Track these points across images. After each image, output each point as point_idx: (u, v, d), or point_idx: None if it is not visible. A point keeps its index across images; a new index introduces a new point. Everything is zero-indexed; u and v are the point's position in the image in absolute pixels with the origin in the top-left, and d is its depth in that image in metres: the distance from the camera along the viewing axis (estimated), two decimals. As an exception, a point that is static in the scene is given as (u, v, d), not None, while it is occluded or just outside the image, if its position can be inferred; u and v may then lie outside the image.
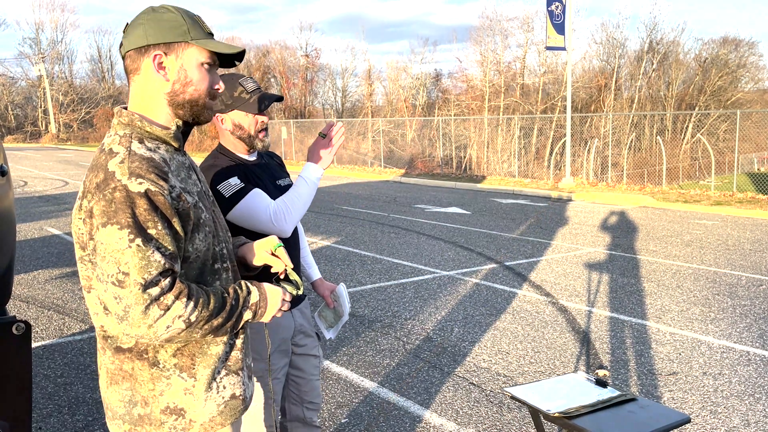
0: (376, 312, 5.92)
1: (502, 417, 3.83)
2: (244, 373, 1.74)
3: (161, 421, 1.59)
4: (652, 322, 5.62)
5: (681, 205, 13.37)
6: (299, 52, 40.57)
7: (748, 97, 33.13)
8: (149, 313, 1.44)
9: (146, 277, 1.44)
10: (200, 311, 1.51)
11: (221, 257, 1.68)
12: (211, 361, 1.64)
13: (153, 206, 1.46)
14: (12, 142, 48.05)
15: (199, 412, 1.62)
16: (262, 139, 2.43)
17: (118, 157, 1.50)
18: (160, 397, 1.59)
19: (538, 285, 6.92)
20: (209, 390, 1.63)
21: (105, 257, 1.44)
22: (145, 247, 1.44)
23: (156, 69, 1.59)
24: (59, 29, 52.30)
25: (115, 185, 1.45)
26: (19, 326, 2.25)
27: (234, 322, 1.60)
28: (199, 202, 1.63)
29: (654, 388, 4.26)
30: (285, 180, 2.57)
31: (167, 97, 1.61)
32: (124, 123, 1.60)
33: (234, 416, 1.70)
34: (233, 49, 1.64)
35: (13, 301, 6.22)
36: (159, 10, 1.61)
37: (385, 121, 27.56)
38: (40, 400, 4.02)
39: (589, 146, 20.47)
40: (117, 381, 1.60)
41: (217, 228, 1.68)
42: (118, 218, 1.43)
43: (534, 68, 30.31)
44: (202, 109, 1.66)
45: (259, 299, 1.66)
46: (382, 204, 13.89)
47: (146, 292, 1.43)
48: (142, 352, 1.57)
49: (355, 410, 3.93)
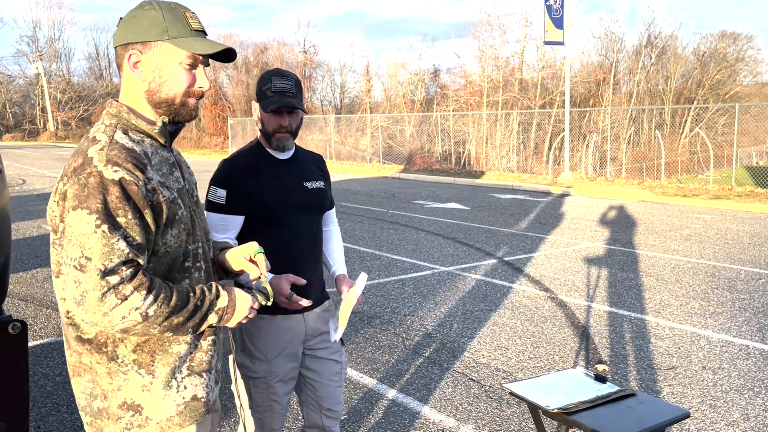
0: (375, 308, 5.91)
1: (502, 413, 3.83)
2: (210, 375, 1.72)
3: (118, 416, 1.59)
4: (651, 317, 5.62)
5: (680, 199, 13.36)
6: (297, 48, 40.50)
7: (747, 90, 33.09)
8: (105, 301, 1.43)
9: (107, 264, 1.43)
10: (159, 306, 1.49)
11: (194, 256, 1.67)
12: (171, 360, 1.62)
13: (126, 195, 1.47)
14: (10, 140, 48.00)
15: (157, 409, 1.61)
16: (279, 139, 2.37)
17: (99, 145, 1.52)
18: (118, 392, 1.58)
19: (537, 280, 6.91)
20: (168, 388, 1.62)
21: (71, 240, 1.45)
22: (111, 234, 1.44)
23: (131, 68, 1.60)
24: (57, 27, 52.24)
25: (90, 170, 1.46)
26: (15, 325, 2.24)
27: (197, 323, 1.58)
28: (178, 198, 1.63)
29: (653, 383, 4.26)
30: (315, 183, 2.49)
31: (146, 96, 1.62)
32: (112, 113, 1.61)
33: (194, 418, 1.67)
34: (211, 48, 1.61)
35: (11, 299, 6.21)
36: (144, 6, 1.61)
37: (383, 117, 27.52)
38: (39, 399, 4.01)
39: (588, 141, 20.45)
40: (79, 373, 1.61)
41: (194, 227, 1.68)
42: (88, 203, 1.44)
43: (532, 63, 30.26)
44: (180, 108, 1.64)
45: (227, 305, 1.63)
46: (381, 200, 13.87)
47: (105, 279, 1.43)
48: (102, 345, 1.57)
49: (354, 407, 3.92)
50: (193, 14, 1.64)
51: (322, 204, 2.51)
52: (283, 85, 2.34)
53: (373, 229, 10.17)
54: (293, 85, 2.36)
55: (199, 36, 1.63)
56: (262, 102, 2.35)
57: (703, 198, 13.18)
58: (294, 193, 2.41)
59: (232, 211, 2.34)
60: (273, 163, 2.42)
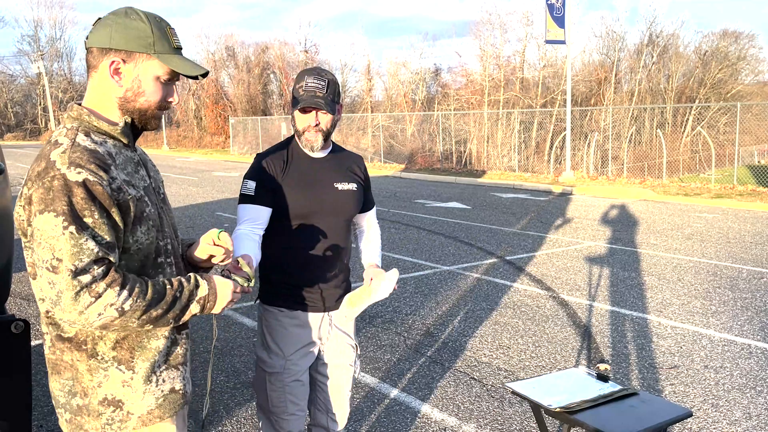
0: (377, 307, 5.91)
1: (503, 412, 3.83)
2: (185, 368, 1.77)
3: (99, 412, 1.63)
4: (653, 316, 5.61)
5: (681, 198, 13.35)
6: (298, 47, 40.49)
7: (748, 89, 33.01)
8: (80, 300, 1.46)
9: (77, 264, 1.46)
10: (135, 301, 1.51)
11: (165, 252, 1.71)
12: (150, 355, 1.66)
13: (90, 195, 1.49)
14: (11, 140, 48.03)
15: (137, 404, 1.65)
16: (308, 138, 2.38)
17: (61, 148, 1.54)
18: (98, 389, 1.62)
19: (539, 279, 6.91)
20: (148, 383, 1.66)
21: (41, 243, 1.48)
22: (79, 235, 1.47)
23: (111, 74, 1.63)
24: (58, 26, 52.27)
25: (54, 174, 1.49)
26: (18, 324, 2.25)
27: (178, 314, 1.61)
28: (144, 196, 1.66)
29: (655, 382, 4.26)
30: (347, 184, 2.48)
31: (118, 101, 1.66)
32: (73, 117, 1.64)
33: (173, 410, 1.72)
34: (194, 71, 1.67)
35: (13, 298, 6.22)
36: (131, 15, 1.64)
37: (384, 116, 27.51)
38: (41, 398, 4.01)
39: (589, 140, 20.43)
40: (59, 371, 1.63)
41: (162, 223, 1.72)
42: (54, 206, 1.47)
43: (533, 62, 30.21)
44: (150, 119, 1.71)
45: (207, 293, 1.66)
46: (383, 199, 13.87)
47: (76, 279, 1.46)
48: (81, 343, 1.60)
49: (356, 406, 3.92)
50: (173, 30, 1.70)
51: (351, 205, 2.50)
52: (315, 84, 2.34)
53: (374, 228, 10.16)
54: (326, 85, 2.35)
55: (178, 53, 1.69)
56: (294, 99, 2.37)
57: (705, 197, 13.16)
58: (322, 192, 2.41)
59: (260, 203, 2.36)
60: (305, 161, 2.44)
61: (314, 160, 2.45)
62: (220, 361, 4.63)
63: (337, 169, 2.49)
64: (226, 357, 4.70)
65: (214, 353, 4.80)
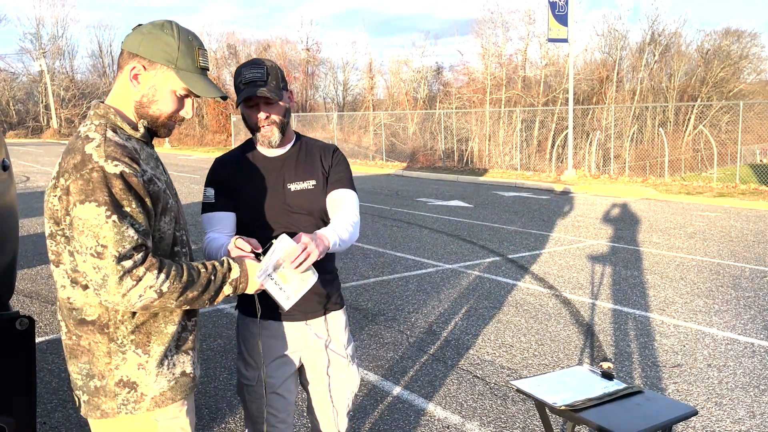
0: (380, 305, 5.91)
1: (507, 410, 3.83)
2: (194, 353, 1.87)
3: (115, 393, 1.72)
4: (655, 314, 5.61)
5: (683, 196, 13.34)
6: (300, 46, 40.47)
7: (751, 88, 32.95)
8: (123, 283, 1.58)
9: (120, 251, 1.57)
10: (172, 283, 1.63)
11: (181, 242, 1.83)
12: (166, 340, 1.76)
13: (128, 186, 1.60)
14: (14, 137, 48.02)
15: (151, 386, 1.74)
16: (264, 134, 2.23)
17: (95, 142, 1.64)
18: (116, 371, 1.71)
19: (542, 278, 6.91)
20: (161, 366, 1.76)
21: (83, 231, 1.58)
22: (120, 223, 1.58)
23: (130, 77, 1.74)
24: (60, 24, 52.19)
25: (92, 166, 1.59)
26: (23, 321, 2.25)
27: (213, 295, 1.74)
28: (166, 188, 1.78)
29: (658, 381, 4.25)
30: (302, 183, 2.30)
31: (134, 104, 1.77)
32: (99, 114, 1.73)
33: (184, 392, 1.81)
34: (208, 92, 1.77)
35: (16, 296, 6.22)
36: (165, 29, 1.74)
37: (386, 115, 27.49)
38: (45, 395, 4.02)
39: (591, 138, 20.41)
40: (76, 356, 1.73)
41: (179, 215, 1.83)
42: (96, 196, 1.57)
43: (535, 61, 30.16)
44: (161, 127, 1.81)
45: (239, 275, 1.78)
46: (384, 197, 13.86)
47: (120, 264, 1.57)
48: (104, 327, 1.70)
49: (359, 404, 3.92)
50: (204, 51, 1.80)
51: (307, 204, 2.30)
52: (253, 74, 2.17)
53: (376, 226, 10.17)
54: (264, 72, 2.17)
55: (202, 74, 1.78)
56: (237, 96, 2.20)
57: (707, 196, 13.15)
58: (271, 196, 2.26)
59: (222, 209, 2.26)
60: (259, 161, 2.30)
61: (269, 159, 2.30)
62: (223, 358, 4.64)
63: (295, 166, 2.31)
64: (229, 354, 4.70)
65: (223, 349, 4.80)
